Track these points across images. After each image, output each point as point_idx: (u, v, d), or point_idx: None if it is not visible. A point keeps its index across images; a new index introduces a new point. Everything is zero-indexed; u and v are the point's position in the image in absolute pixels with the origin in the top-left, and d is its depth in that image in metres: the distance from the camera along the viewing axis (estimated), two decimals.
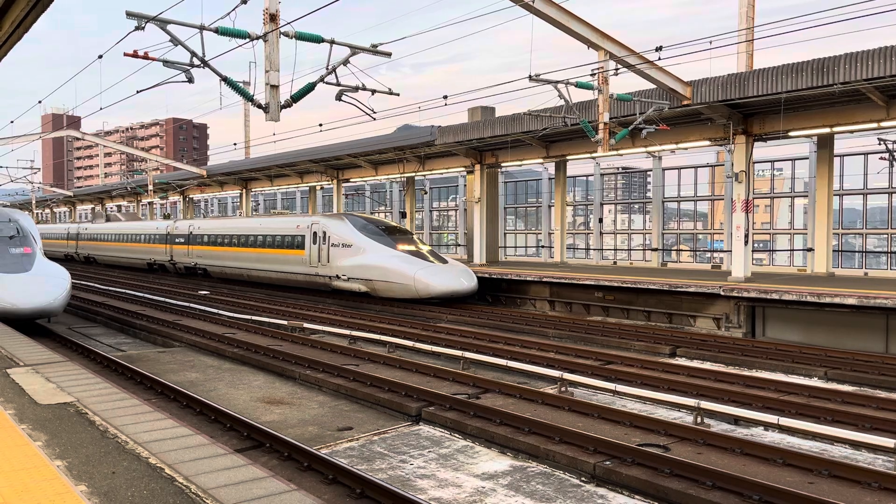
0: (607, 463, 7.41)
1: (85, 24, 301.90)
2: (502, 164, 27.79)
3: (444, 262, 22.30)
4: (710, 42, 14.36)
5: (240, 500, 4.66)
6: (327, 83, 14.37)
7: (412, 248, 22.72)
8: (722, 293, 16.86)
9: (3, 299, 15.17)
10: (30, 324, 16.92)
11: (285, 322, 17.37)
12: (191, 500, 4.67)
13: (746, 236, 18.93)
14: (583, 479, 7.43)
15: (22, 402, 7.29)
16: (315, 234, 24.67)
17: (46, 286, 15.86)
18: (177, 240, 34.93)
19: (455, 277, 21.13)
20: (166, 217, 49.49)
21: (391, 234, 23.33)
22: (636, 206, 37.81)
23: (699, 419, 8.98)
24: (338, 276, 23.49)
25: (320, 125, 23.19)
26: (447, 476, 7.54)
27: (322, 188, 43.46)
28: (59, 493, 4.73)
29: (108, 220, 47.45)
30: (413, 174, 32.00)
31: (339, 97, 14.76)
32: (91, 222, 49.49)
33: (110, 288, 27.76)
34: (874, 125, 17.47)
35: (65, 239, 51.70)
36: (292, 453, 7.69)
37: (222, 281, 31.32)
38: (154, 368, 12.71)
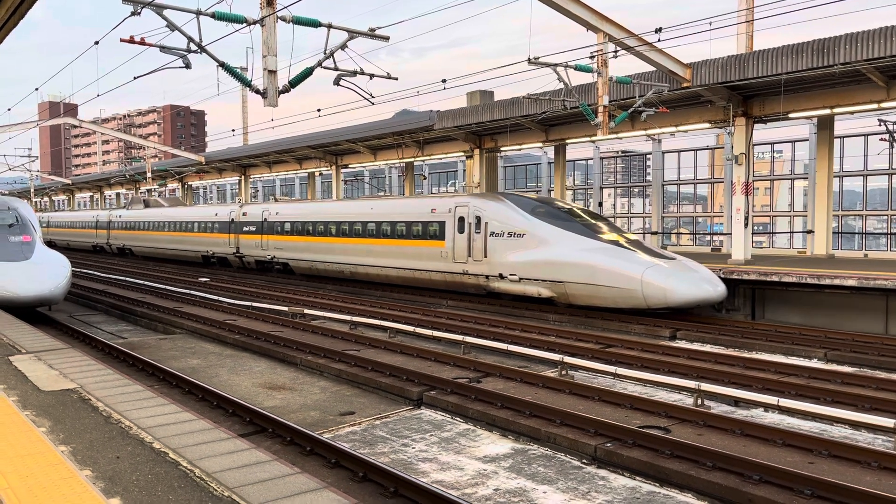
0: (608, 445, 7.44)
1: (81, 11, 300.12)
2: (501, 149, 27.72)
3: (672, 257, 16.44)
4: (710, 24, 14.30)
5: (244, 483, 4.68)
6: (325, 68, 14.31)
7: (616, 237, 17.13)
8: (722, 276, 16.87)
9: (3, 287, 15.19)
10: (31, 312, 16.95)
11: (286, 308, 17.40)
12: (195, 483, 4.70)
13: (746, 219, 18.92)
14: (584, 460, 7.47)
15: (25, 388, 7.31)
16: (462, 219, 19.49)
17: (47, 274, 15.87)
18: (245, 228, 29.48)
19: (698, 280, 15.37)
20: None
21: (579, 219, 17.83)
22: (636, 190, 37.80)
23: (699, 401, 9.02)
24: (500, 276, 18.27)
25: (319, 111, 23.15)
26: (449, 459, 7.58)
27: (321, 174, 43.39)
28: (63, 478, 4.76)
29: (147, 205, 41.17)
30: (412, 159, 31.93)
31: (337, 82, 14.70)
32: (126, 208, 43.03)
33: (111, 276, 27.78)
34: (874, 106, 17.42)
35: (93, 228, 45.88)
36: (295, 438, 7.73)
37: (308, 278, 26.59)
38: (156, 355, 12.74)
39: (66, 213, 55.52)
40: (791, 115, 19.08)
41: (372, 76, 15.08)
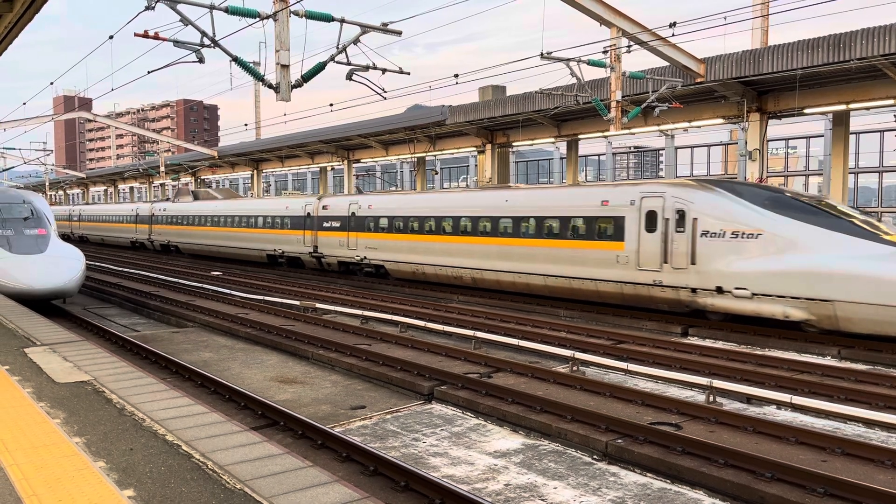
0: (619, 441, 7.43)
1: (97, 6, 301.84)
2: (513, 144, 27.68)
3: None
4: (725, 18, 14.21)
5: (255, 476, 4.71)
6: (338, 62, 14.34)
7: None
8: None
9: (19, 280, 15.34)
10: (46, 304, 17.10)
11: (297, 302, 17.46)
12: (208, 475, 4.73)
13: None
14: (595, 457, 7.46)
15: (40, 380, 7.38)
16: (652, 214, 15.23)
17: (61, 267, 16.01)
18: (325, 224, 25.73)
19: None
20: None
21: (838, 215, 13.49)
22: None
23: (711, 398, 8.98)
24: (718, 289, 14.08)
25: (331, 105, 23.20)
26: (460, 454, 7.59)
27: (332, 169, 43.47)
28: (78, 469, 4.80)
29: (196, 197, 37.07)
30: (424, 154, 31.94)
31: (349, 76, 14.72)
32: (172, 201, 38.69)
33: (124, 269, 27.97)
34: (891, 102, 17.27)
35: (132, 222, 41.47)
36: (306, 431, 7.76)
37: (408, 282, 22.58)
38: (168, 348, 12.82)
39: (99, 205, 50.75)
40: (806, 111, 18.94)
41: (384, 71, 15.10)
